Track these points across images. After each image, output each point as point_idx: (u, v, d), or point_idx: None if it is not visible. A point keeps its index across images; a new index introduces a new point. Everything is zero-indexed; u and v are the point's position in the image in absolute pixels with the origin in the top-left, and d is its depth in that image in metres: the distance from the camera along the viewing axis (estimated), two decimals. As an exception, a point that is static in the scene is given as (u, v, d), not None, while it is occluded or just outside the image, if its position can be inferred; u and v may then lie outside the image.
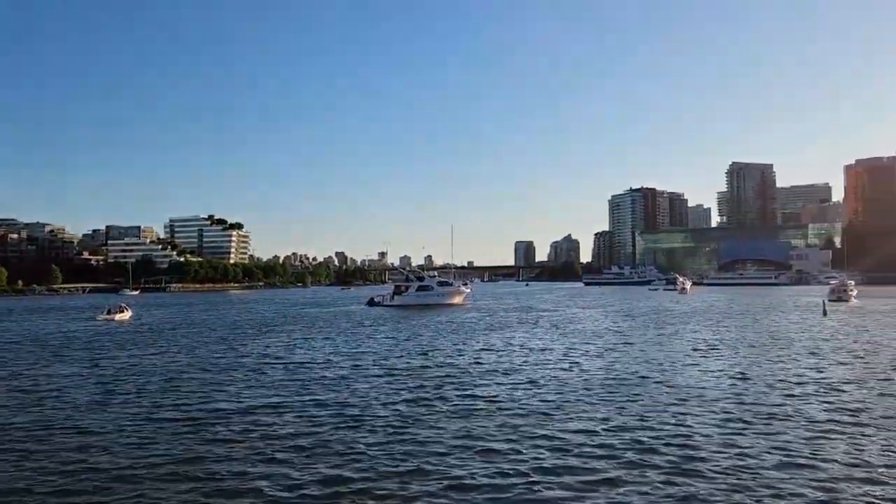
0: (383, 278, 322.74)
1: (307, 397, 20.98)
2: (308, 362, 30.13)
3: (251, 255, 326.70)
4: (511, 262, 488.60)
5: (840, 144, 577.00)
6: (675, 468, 12.99)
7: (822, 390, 21.37)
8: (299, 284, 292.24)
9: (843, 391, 21.20)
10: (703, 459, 13.49)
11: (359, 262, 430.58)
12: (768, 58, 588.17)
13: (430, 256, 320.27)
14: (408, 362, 29.66)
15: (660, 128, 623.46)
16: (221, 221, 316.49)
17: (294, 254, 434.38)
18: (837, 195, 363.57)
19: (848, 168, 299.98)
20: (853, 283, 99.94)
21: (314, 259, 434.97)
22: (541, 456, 13.95)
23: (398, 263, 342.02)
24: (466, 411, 18.50)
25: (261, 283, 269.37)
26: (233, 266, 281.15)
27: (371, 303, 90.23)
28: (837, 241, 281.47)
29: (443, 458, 13.88)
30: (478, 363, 29.16)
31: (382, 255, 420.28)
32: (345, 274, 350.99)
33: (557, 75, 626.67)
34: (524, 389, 22.06)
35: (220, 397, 21.21)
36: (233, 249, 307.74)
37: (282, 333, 47.36)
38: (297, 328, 52.49)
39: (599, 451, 14.24)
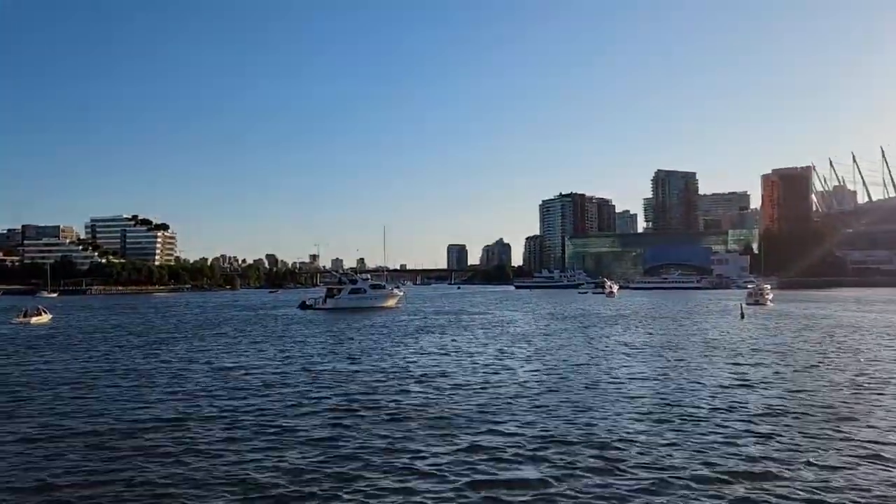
0: (315, 281, 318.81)
1: (232, 405, 20.36)
2: (234, 368, 29.29)
3: (178, 257, 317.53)
4: (444, 265, 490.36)
5: (758, 154, 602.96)
6: (602, 468, 13.19)
7: (739, 389, 22.22)
8: (228, 287, 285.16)
9: (759, 389, 22.15)
10: (627, 459, 13.73)
11: (290, 265, 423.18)
12: (692, 69, 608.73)
13: (362, 259, 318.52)
14: (338, 367, 29.23)
15: (590, 135, 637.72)
16: (146, 222, 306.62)
17: (223, 256, 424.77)
18: (755, 203, 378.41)
19: (765, 177, 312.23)
20: (769, 287, 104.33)
21: (244, 261, 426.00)
22: (470, 461, 13.89)
23: (330, 266, 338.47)
24: (395, 417, 18.30)
25: (188, 286, 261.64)
26: (158, 268, 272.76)
27: (303, 306, 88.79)
28: (755, 246, 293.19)
29: (368, 467, 13.65)
30: (410, 367, 28.96)
31: (314, 257, 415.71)
32: (275, 276, 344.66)
33: (489, 80, 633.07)
34: (455, 394, 21.98)
35: (136, 406, 20.34)
36: (158, 251, 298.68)
37: (208, 338, 46.02)
38: (224, 332, 51.13)
39: (529, 454, 14.28)
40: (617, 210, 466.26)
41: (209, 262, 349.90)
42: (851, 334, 43.49)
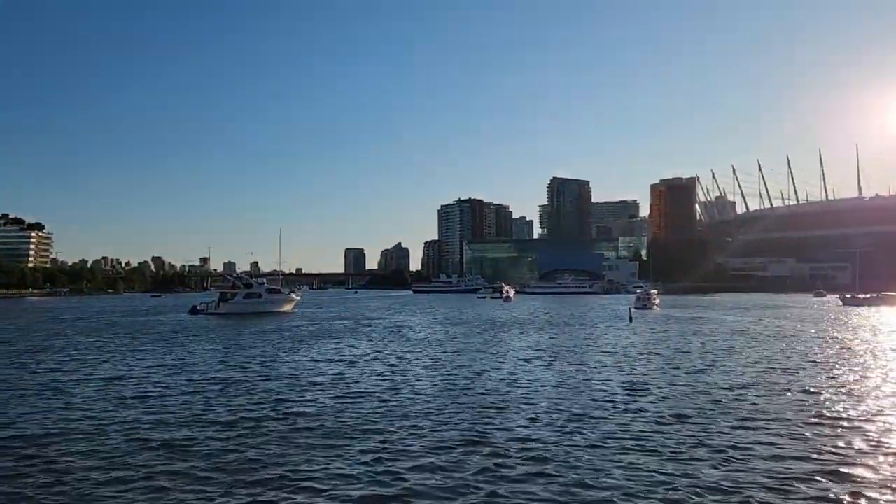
0: (206, 285, 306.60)
1: (110, 419, 18.68)
2: (114, 379, 27.07)
3: (54, 259, 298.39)
4: (341, 269, 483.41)
5: (648, 164, 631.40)
6: (500, 469, 13.03)
7: (628, 389, 23.38)
8: (111, 291, 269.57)
9: (647, 389, 23.25)
10: (518, 459, 13.64)
11: (178, 268, 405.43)
12: (588, 80, 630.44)
13: (256, 262, 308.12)
14: (228, 375, 27.61)
15: (488, 141, 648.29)
16: (18, 221, 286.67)
17: (105, 258, 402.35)
18: (644, 211, 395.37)
19: (653, 187, 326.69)
20: (656, 292, 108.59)
21: (127, 263, 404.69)
22: (365, 472, 13.28)
23: (222, 269, 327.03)
24: (289, 428, 17.30)
25: (65, 290, 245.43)
26: (32, 270, 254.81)
27: (194, 311, 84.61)
28: (644, 253, 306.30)
29: (257, 483, 12.70)
30: (305, 375, 27.82)
31: (205, 260, 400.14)
32: (163, 280, 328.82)
33: (386, 82, 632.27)
34: (351, 401, 21.18)
35: (1, 421, 18.22)
36: (32, 252, 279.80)
37: (84, 347, 42.63)
38: (103, 340, 47.60)
39: (426, 462, 13.81)
40: (514, 216, 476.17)
41: (89, 265, 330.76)
42: (730, 337, 45.61)
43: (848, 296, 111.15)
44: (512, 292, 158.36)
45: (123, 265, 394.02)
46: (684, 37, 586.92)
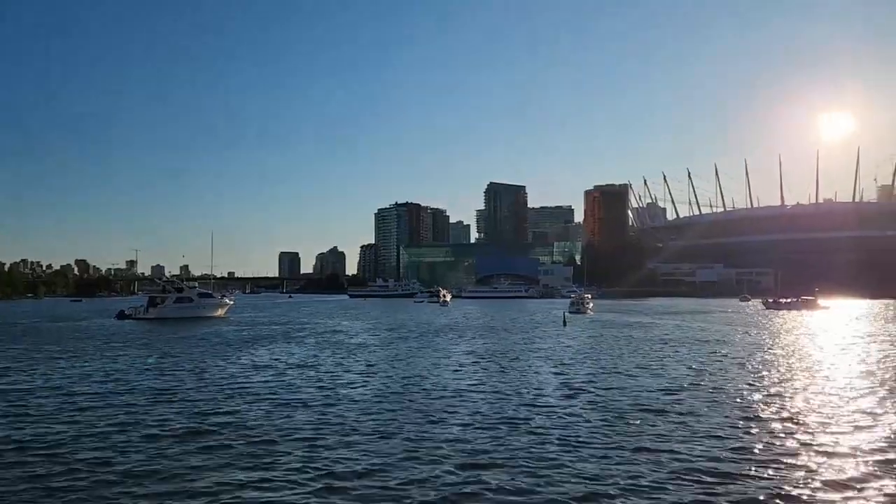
0: (133, 289, 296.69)
1: (24, 434, 17.65)
2: (31, 390, 25.60)
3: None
4: (275, 273, 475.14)
5: (583, 171, 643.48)
6: (436, 476, 12.77)
7: (562, 392, 23.74)
8: (30, 296, 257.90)
9: (580, 392, 23.64)
10: (456, 463, 13.42)
11: (103, 271, 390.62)
12: (526, 86, 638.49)
13: (187, 266, 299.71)
14: (158, 384, 26.52)
15: (425, 145, 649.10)
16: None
17: (24, 261, 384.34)
18: (579, 217, 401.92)
19: (587, 193, 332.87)
20: (590, 296, 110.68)
21: (48, 267, 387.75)
22: (298, 485, 12.83)
23: (150, 273, 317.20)
24: (218, 440, 16.65)
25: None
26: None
27: (121, 315, 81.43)
28: (578, 258, 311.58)
29: (184, 495, 12.16)
30: (238, 382, 26.94)
31: (132, 263, 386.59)
32: (87, 284, 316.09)
33: (326, 84, 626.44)
34: (285, 410, 20.61)
35: None
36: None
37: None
38: (19, 348, 45.15)
39: (357, 469, 13.45)
40: (451, 221, 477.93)
41: (7, 268, 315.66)
42: (661, 340, 46.68)
43: (770, 300, 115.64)
44: (449, 297, 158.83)
45: (44, 268, 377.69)
46: (619, 48, 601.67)
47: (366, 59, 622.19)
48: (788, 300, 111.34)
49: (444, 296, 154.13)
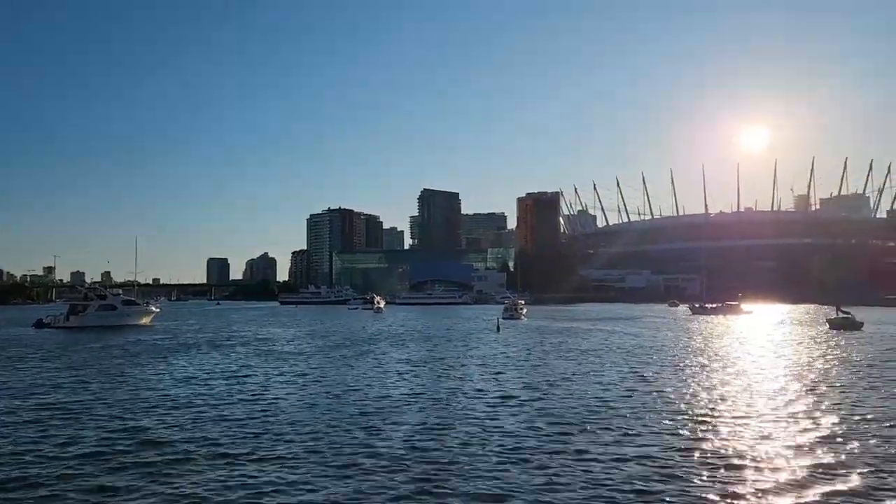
0: (50, 296, 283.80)
1: None
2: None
3: None
4: (203, 279, 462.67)
5: (515, 178, 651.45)
6: (370, 484, 12.39)
7: (496, 398, 23.75)
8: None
9: (514, 398, 23.73)
10: (392, 472, 13.09)
11: (18, 278, 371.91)
12: (459, 92, 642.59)
13: (109, 272, 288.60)
14: (78, 397, 24.81)
15: (358, 151, 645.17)
16: None
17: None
18: (512, 223, 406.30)
19: (520, 200, 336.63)
20: (523, 302, 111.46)
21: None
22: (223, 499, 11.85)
23: (69, 280, 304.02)
24: (142, 456, 15.51)
25: None
26: None
27: (39, 324, 77.01)
28: (511, 264, 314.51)
29: None
30: (163, 393, 25.56)
31: (49, 269, 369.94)
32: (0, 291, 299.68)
33: (259, 86, 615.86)
34: (212, 422, 19.54)
35: None
36: None
37: None
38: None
39: (287, 480, 12.74)
40: (385, 227, 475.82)
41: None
42: (593, 345, 47.12)
43: (696, 305, 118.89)
44: (383, 303, 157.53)
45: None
46: (550, 58, 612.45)
47: (298, 62, 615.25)
48: (714, 305, 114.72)
49: (378, 302, 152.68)
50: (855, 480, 13.26)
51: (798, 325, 76.29)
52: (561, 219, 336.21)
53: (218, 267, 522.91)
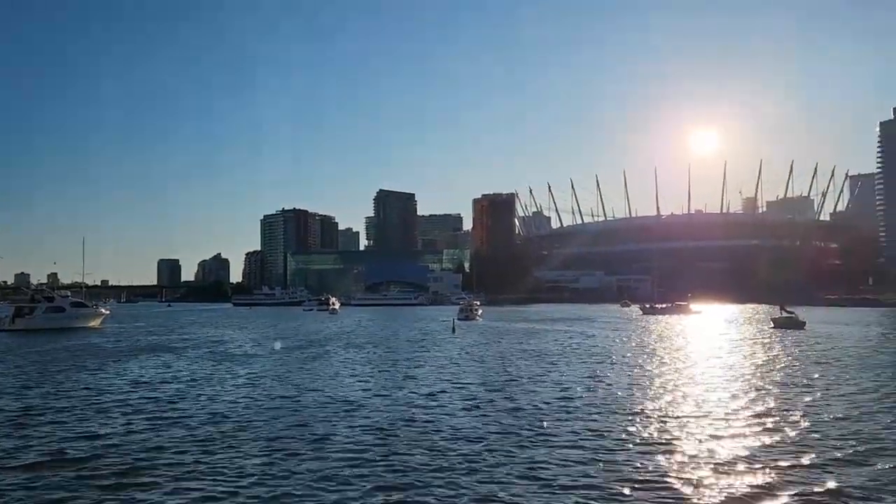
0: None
1: None
2: None
3: None
4: (154, 281, 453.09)
5: (471, 179, 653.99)
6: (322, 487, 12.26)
7: (454, 400, 23.79)
8: None
9: (473, 399, 23.81)
10: (341, 477, 12.91)
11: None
12: (414, 92, 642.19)
13: (55, 274, 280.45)
14: (21, 403, 24.01)
15: (314, 150, 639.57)
16: None
17: None
18: (468, 225, 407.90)
19: (476, 201, 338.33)
20: (479, 303, 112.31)
21: None
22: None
23: (13, 281, 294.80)
24: (87, 466, 15.13)
25: None
26: None
27: None
28: (467, 265, 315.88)
29: None
30: (111, 398, 24.91)
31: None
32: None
33: (210, 84, 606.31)
34: (161, 428, 19.15)
35: None
36: None
37: None
38: None
39: (234, 486, 12.66)
40: (340, 227, 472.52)
41: None
42: (547, 345, 47.73)
43: (647, 306, 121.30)
44: (338, 304, 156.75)
45: None
46: (506, 60, 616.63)
47: (252, 60, 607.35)
48: (664, 306, 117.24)
49: (334, 303, 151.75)
50: (793, 475, 13.75)
51: (744, 325, 78.50)
52: (516, 220, 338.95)
53: (169, 268, 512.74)
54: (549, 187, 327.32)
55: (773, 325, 69.70)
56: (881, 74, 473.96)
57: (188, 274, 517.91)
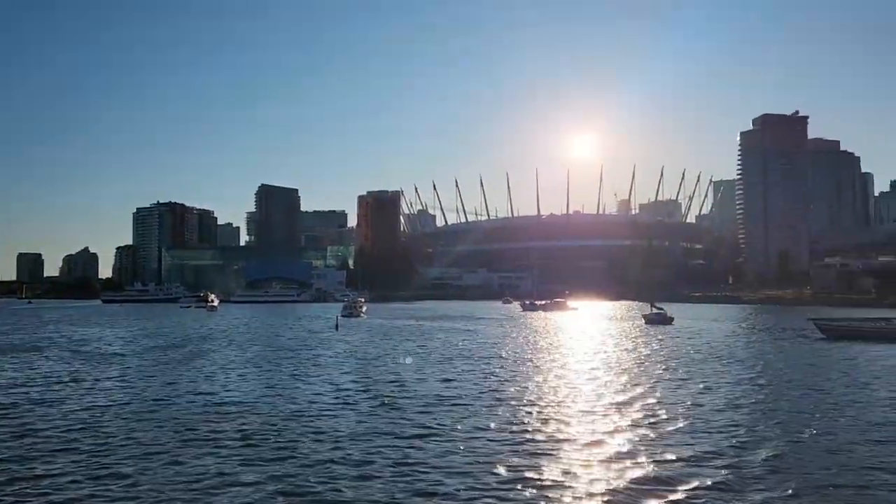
0: None
1: None
2: None
3: None
4: (13, 276, 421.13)
5: (356, 176, 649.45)
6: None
7: (331, 397, 23.94)
8: None
9: (349, 397, 24.09)
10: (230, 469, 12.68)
11: None
12: (298, 88, 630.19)
13: None
14: None
15: (192, 143, 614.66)
16: None
17: None
18: (353, 221, 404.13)
19: (361, 198, 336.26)
20: (363, 300, 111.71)
21: None
22: None
23: None
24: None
25: None
26: None
27: None
28: (351, 262, 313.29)
29: None
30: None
31: None
32: None
33: (90, 73, 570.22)
34: (21, 434, 17.83)
35: None
36: None
37: None
38: None
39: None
40: (219, 222, 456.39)
41: None
42: (429, 340, 48.39)
43: (527, 302, 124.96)
44: (217, 301, 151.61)
45: None
46: (394, 58, 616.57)
47: (131, 50, 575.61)
48: (543, 302, 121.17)
49: (212, 300, 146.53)
50: (660, 461, 14.58)
51: (617, 321, 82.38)
52: (401, 218, 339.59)
53: (30, 262, 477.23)
54: (434, 186, 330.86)
55: (644, 321, 73.46)
56: (746, 85, 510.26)
57: (52, 269, 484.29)
